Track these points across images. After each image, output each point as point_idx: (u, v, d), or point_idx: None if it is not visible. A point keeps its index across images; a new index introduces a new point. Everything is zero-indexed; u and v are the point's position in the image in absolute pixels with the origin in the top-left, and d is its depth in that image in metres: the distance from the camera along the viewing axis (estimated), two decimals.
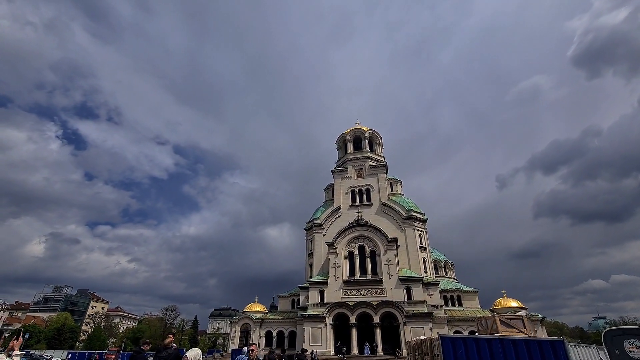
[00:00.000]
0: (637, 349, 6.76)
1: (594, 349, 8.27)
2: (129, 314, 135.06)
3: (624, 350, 7.01)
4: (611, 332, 7.51)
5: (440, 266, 60.87)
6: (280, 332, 47.88)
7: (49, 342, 68.89)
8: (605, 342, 7.51)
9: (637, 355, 6.74)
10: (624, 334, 7.13)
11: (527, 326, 9.68)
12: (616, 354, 7.17)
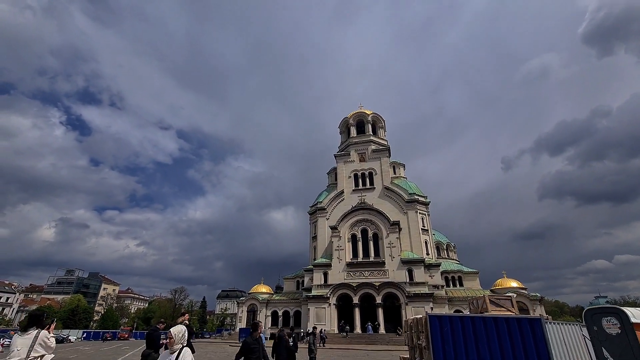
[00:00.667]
0: (613, 325, 7.31)
1: (576, 326, 8.84)
2: (140, 296, 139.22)
3: (601, 326, 7.57)
4: (591, 310, 8.05)
5: (443, 248, 61.86)
6: (286, 312, 49.56)
7: (64, 322, 71.85)
8: (585, 320, 8.06)
9: (612, 331, 7.29)
10: (603, 313, 7.67)
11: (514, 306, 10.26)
12: (595, 330, 7.73)
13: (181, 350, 4.30)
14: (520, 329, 6.15)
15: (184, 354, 4.30)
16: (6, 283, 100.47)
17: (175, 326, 4.48)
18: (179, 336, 4.37)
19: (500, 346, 6.16)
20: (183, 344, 4.41)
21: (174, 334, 4.35)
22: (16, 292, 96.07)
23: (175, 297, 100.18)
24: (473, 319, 6.54)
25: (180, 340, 4.38)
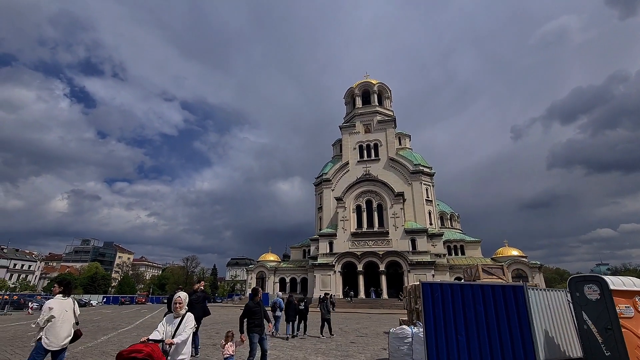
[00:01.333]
0: (594, 292, 7.89)
1: (562, 293, 9.49)
2: (153, 263, 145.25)
3: (583, 293, 8.17)
4: (575, 278, 8.63)
5: (446, 218, 62.83)
6: (293, 279, 51.82)
7: (85, 287, 76.13)
8: (569, 287, 8.67)
9: (592, 297, 7.89)
10: (585, 280, 8.25)
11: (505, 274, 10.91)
12: (577, 296, 8.33)
13: (185, 315, 4.54)
14: (504, 295, 6.75)
15: (187, 317, 4.53)
16: (27, 252, 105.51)
17: (181, 293, 4.77)
18: (186, 302, 4.70)
19: (485, 310, 6.79)
20: (186, 308, 4.70)
21: (183, 299, 4.64)
22: (37, 261, 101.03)
23: (187, 264, 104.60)
24: (462, 286, 7.16)
25: (184, 306, 4.66)
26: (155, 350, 3.89)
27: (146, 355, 3.76)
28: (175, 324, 4.42)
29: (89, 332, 14.31)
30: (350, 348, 10.75)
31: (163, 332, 4.40)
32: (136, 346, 3.87)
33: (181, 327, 4.39)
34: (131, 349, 3.83)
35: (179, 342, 4.22)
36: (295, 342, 12.22)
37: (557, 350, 8.85)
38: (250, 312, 6.74)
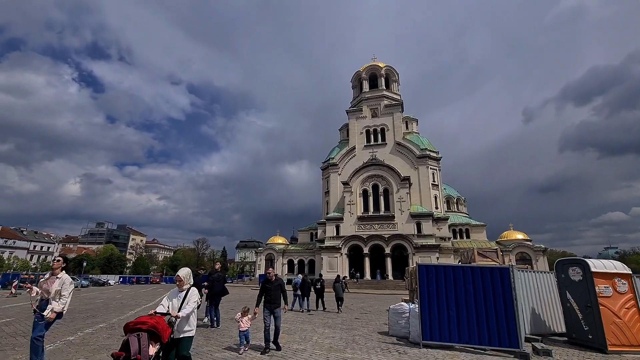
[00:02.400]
0: (577, 273, 8.57)
1: (550, 274, 10.23)
2: (165, 245, 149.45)
3: (567, 274, 8.88)
4: (561, 262, 9.30)
5: (453, 202, 63.34)
6: (301, 261, 53.44)
7: (102, 268, 79.38)
8: (556, 269, 9.36)
9: (575, 278, 8.58)
10: (570, 263, 8.91)
11: (499, 257, 11.68)
12: (562, 277, 9.04)
13: (189, 290, 4.75)
14: (491, 276, 7.50)
15: (192, 292, 4.73)
16: (45, 234, 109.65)
17: (181, 269, 4.96)
18: (187, 277, 4.84)
19: (474, 289, 7.56)
20: (190, 283, 4.86)
21: (182, 276, 4.80)
22: (55, 243, 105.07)
23: (198, 247, 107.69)
24: (454, 268, 7.93)
25: (187, 281, 4.83)
26: (160, 322, 4.09)
27: (150, 326, 3.95)
28: (180, 298, 4.64)
29: (116, 308, 15.65)
30: (355, 323, 11.76)
31: (168, 306, 4.60)
32: (142, 318, 4.07)
33: (185, 301, 4.59)
34: (137, 321, 4.03)
35: (183, 315, 4.41)
36: (305, 317, 13.31)
37: (542, 326, 9.71)
38: (264, 289, 7.53)
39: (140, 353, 3.68)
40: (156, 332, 3.93)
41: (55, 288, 5.30)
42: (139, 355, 3.67)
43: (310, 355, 6.82)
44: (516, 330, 7.13)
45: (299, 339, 8.67)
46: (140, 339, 3.77)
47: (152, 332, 3.91)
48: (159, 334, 3.95)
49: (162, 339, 3.99)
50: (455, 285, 7.66)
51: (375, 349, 7.59)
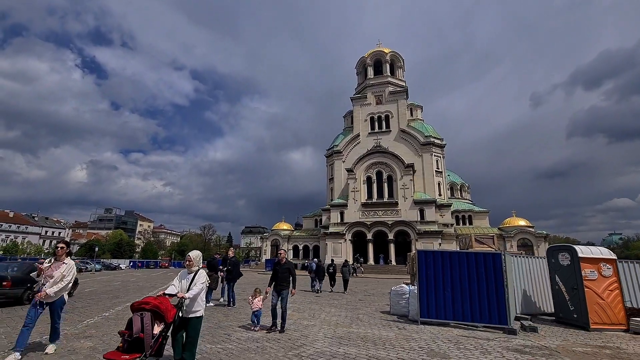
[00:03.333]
0: (565, 258, 9.19)
1: (542, 259, 10.91)
2: (172, 231, 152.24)
3: (557, 259, 9.53)
4: (551, 247, 9.89)
5: (457, 188, 63.82)
6: (306, 246, 54.68)
7: (112, 253, 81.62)
8: (547, 255, 10.01)
9: (564, 263, 9.21)
10: (559, 249, 9.54)
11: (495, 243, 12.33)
12: (552, 262, 9.69)
13: (198, 271, 4.85)
14: (484, 261, 8.17)
15: (200, 274, 4.82)
16: (55, 220, 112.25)
17: (192, 251, 5.06)
18: (196, 259, 4.96)
19: (468, 272, 8.24)
20: (199, 266, 4.97)
21: (192, 257, 4.93)
22: (65, 228, 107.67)
23: (204, 232, 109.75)
24: (450, 253, 8.62)
25: (197, 263, 4.94)
26: (164, 302, 4.17)
27: (153, 306, 4.04)
28: (189, 279, 4.75)
29: (135, 290, 16.69)
30: (359, 304, 12.62)
31: (178, 286, 4.75)
32: (146, 299, 4.18)
33: (193, 282, 4.68)
34: (142, 301, 4.14)
35: (190, 297, 4.50)
36: (313, 298, 14.23)
37: (533, 306, 10.46)
38: (274, 271, 7.87)
39: (143, 331, 3.82)
40: (159, 312, 4.04)
41: (60, 273, 5.23)
42: (142, 334, 3.82)
43: (319, 330, 7.61)
44: (506, 309, 7.85)
45: (308, 316, 9.51)
46: (143, 318, 3.92)
47: (156, 311, 4.03)
48: (162, 313, 4.05)
49: (167, 318, 4.09)
50: (451, 269, 8.37)
51: (377, 325, 8.38)
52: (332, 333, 7.31)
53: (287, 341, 6.47)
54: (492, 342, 6.75)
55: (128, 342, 3.80)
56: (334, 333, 7.32)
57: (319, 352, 5.76)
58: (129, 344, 3.80)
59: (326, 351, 5.79)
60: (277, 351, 5.74)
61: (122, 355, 3.69)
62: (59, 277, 5.22)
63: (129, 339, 3.81)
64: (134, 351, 3.76)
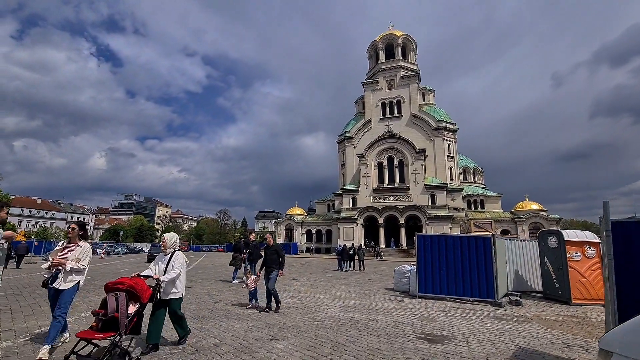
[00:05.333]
0: (553, 242, 10.02)
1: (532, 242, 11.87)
2: (188, 216, 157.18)
3: (547, 243, 10.42)
4: (542, 232, 10.63)
5: (469, 173, 63.81)
6: (319, 231, 56.39)
7: (134, 237, 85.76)
8: (538, 239, 10.90)
9: (552, 246, 10.07)
10: (549, 234, 10.38)
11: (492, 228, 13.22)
12: (542, 245, 10.57)
13: (174, 253, 4.87)
14: (476, 244, 9.19)
15: (176, 255, 4.85)
16: (79, 206, 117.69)
17: (167, 233, 5.07)
18: (171, 241, 4.93)
19: (461, 254, 9.29)
20: (175, 248, 4.97)
21: (167, 239, 4.94)
22: (89, 214, 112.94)
23: (220, 217, 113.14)
24: (446, 237, 9.68)
25: (172, 245, 4.93)
26: (139, 282, 4.17)
27: (128, 286, 4.04)
28: (165, 261, 4.78)
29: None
30: (367, 282, 13.93)
31: (155, 269, 4.77)
32: (121, 279, 4.16)
33: (170, 265, 4.69)
34: (116, 282, 4.13)
35: (167, 280, 4.52)
36: (326, 277, 15.63)
37: (525, 285, 11.52)
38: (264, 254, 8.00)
39: (118, 311, 3.81)
40: (135, 292, 4.06)
41: (74, 256, 4.66)
42: (117, 313, 3.81)
43: (330, 301, 8.92)
44: (494, 285, 8.94)
45: (321, 292, 10.86)
46: (118, 298, 3.91)
47: (131, 291, 4.05)
48: (137, 294, 4.07)
49: (142, 299, 4.10)
50: (446, 251, 9.47)
51: (381, 298, 9.64)
52: (341, 304, 8.61)
53: (303, 309, 7.79)
54: (477, 312, 7.89)
55: (102, 322, 3.82)
56: (343, 304, 8.61)
57: (329, 316, 7.05)
58: (103, 323, 3.82)
59: (335, 316, 7.08)
60: (296, 315, 7.07)
61: (96, 334, 3.73)
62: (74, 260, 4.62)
63: (103, 318, 3.83)
64: (108, 330, 3.79)
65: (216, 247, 72.77)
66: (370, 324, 6.37)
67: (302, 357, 4.39)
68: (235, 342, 5.05)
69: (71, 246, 4.78)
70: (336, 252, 23.31)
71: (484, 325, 6.54)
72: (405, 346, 4.98)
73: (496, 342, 5.34)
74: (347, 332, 5.71)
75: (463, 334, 5.80)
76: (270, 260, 7.68)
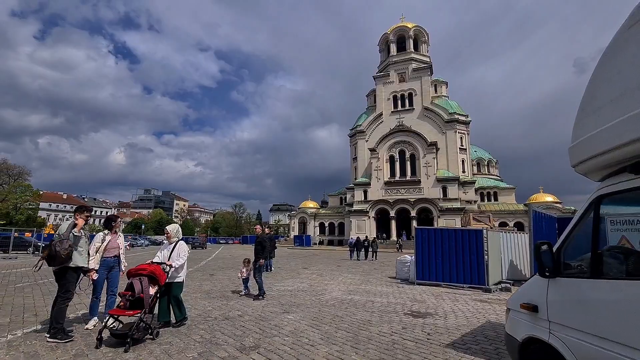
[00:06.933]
0: None
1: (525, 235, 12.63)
2: (205, 209, 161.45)
3: None
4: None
5: (484, 164, 63.56)
6: (331, 224, 57.64)
7: (154, 230, 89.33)
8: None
9: None
10: None
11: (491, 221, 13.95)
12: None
13: (177, 242, 5.49)
14: (469, 237, 10.08)
15: (180, 245, 5.47)
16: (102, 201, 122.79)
17: (169, 225, 5.65)
18: (174, 232, 5.58)
19: (455, 245, 10.18)
20: (178, 237, 5.61)
21: (169, 230, 5.58)
22: (112, 208, 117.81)
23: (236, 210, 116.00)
24: (442, 230, 10.61)
25: (175, 235, 5.57)
26: (157, 269, 4.85)
27: (150, 272, 4.72)
28: (169, 249, 5.40)
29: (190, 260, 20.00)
30: (372, 271, 15.02)
31: (161, 256, 5.40)
32: (142, 265, 4.84)
33: (174, 253, 5.32)
34: (138, 268, 4.78)
35: (176, 266, 5.21)
36: (335, 266, 16.78)
37: (519, 274, 12.35)
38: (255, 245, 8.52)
39: (143, 292, 4.51)
40: (154, 277, 4.76)
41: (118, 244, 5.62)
42: (142, 294, 4.49)
43: (336, 286, 10.08)
44: (485, 273, 9.86)
45: (328, 278, 12.04)
46: (142, 281, 4.59)
47: (151, 276, 4.74)
48: (157, 278, 4.77)
49: (160, 282, 4.81)
50: (442, 243, 10.43)
51: (382, 284, 10.73)
52: (345, 288, 9.75)
53: (312, 292, 8.97)
54: (466, 296, 8.86)
55: (130, 301, 4.51)
56: (347, 288, 9.75)
57: (334, 297, 8.20)
58: (130, 303, 4.52)
59: (338, 297, 8.22)
60: (304, 296, 8.25)
61: (126, 312, 4.42)
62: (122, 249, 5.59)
63: (130, 299, 4.51)
64: (134, 309, 4.47)
65: (232, 240, 75.27)
66: (367, 304, 7.47)
67: (307, 324, 5.55)
68: (254, 313, 6.27)
69: (115, 236, 5.66)
70: (349, 244, 25.37)
71: (466, 306, 7.52)
72: (391, 319, 6.06)
73: (471, 317, 6.34)
74: (347, 309, 6.83)
75: (445, 311, 6.82)
76: (256, 250, 8.23)
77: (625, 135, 2.04)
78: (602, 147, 2.27)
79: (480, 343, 4.76)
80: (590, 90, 2.48)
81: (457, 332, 5.29)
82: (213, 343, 4.55)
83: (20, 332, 4.94)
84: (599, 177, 2.61)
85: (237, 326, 5.44)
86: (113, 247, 5.48)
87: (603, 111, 2.28)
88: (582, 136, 2.54)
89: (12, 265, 15.87)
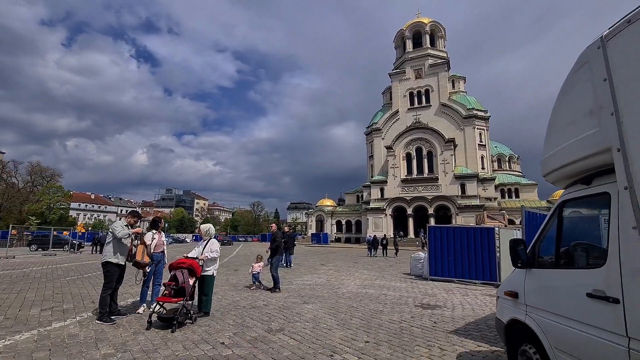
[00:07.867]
0: None
1: None
2: (224, 208, 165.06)
3: None
4: None
5: (504, 160, 62.31)
6: (348, 221, 58.13)
7: (177, 228, 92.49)
8: None
9: None
10: None
11: (505, 219, 14.10)
12: None
13: (209, 240, 6.11)
14: (480, 234, 10.43)
15: (212, 242, 6.08)
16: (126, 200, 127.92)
17: (203, 224, 6.33)
18: (204, 230, 6.26)
19: (467, 243, 10.56)
20: (211, 236, 6.21)
21: (201, 229, 6.34)
22: (136, 207, 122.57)
23: (254, 209, 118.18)
24: (454, 229, 10.99)
25: (207, 234, 6.21)
26: (194, 262, 5.54)
27: (188, 265, 5.40)
28: (203, 245, 6.07)
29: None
30: (388, 268, 15.51)
31: (197, 252, 6.03)
32: (181, 259, 5.55)
33: (207, 248, 5.94)
34: (179, 261, 5.49)
35: (209, 257, 5.86)
36: (352, 263, 17.38)
37: None
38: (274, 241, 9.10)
39: (185, 282, 5.21)
40: (193, 269, 5.44)
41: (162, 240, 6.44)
42: (184, 284, 5.20)
43: (352, 281, 10.71)
44: (496, 269, 10.22)
45: (345, 274, 12.68)
46: (183, 273, 5.28)
47: (190, 269, 5.40)
48: (194, 270, 5.46)
49: (197, 274, 5.50)
50: (454, 240, 10.85)
51: (396, 280, 11.27)
52: (360, 283, 10.36)
53: (329, 286, 9.63)
54: (477, 291, 9.27)
55: (174, 290, 5.23)
56: (362, 283, 10.36)
57: (349, 291, 8.83)
58: (174, 292, 5.24)
59: (353, 291, 8.84)
60: (322, 290, 8.93)
61: (172, 299, 5.16)
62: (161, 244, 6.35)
63: (175, 288, 5.23)
64: (178, 296, 5.21)
65: (251, 237, 77.00)
66: (381, 297, 8.05)
67: (325, 313, 6.22)
68: (277, 303, 7.01)
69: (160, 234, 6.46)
70: (367, 241, 26.54)
71: (475, 299, 7.97)
72: (402, 309, 6.64)
73: (477, 310, 6.82)
74: (361, 301, 7.45)
75: (453, 304, 7.32)
76: (271, 247, 8.94)
77: (576, 153, 2.58)
78: (562, 161, 2.81)
79: (481, 330, 5.28)
80: (555, 112, 3.01)
81: (462, 322, 5.81)
82: (244, 326, 5.29)
83: (85, 314, 5.86)
84: (564, 185, 3.14)
85: (264, 313, 6.16)
86: (159, 244, 6.29)
87: (563, 132, 2.82)
88: (549, 151, 3.06)
89: (54, 261, 17.36)
